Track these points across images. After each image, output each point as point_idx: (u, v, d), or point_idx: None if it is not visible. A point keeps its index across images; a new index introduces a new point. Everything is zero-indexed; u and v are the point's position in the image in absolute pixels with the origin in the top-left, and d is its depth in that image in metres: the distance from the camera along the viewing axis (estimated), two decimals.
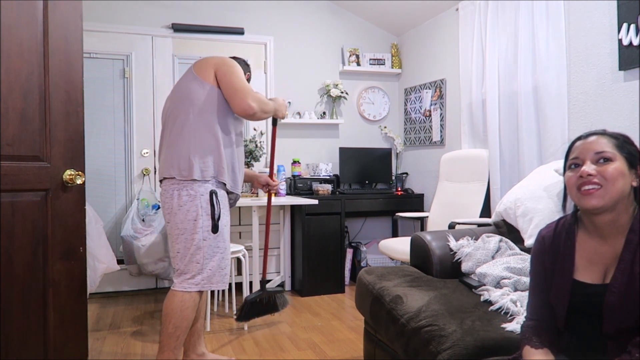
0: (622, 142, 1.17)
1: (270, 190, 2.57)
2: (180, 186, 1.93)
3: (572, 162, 1.21)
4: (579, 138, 1.23)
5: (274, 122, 2.42)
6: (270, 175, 2.54)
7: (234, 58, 2.28)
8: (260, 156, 3.77)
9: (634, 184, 1.15)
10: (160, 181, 2.04)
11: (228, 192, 2.09)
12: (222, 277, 1.97)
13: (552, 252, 1.26)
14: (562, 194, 1.29)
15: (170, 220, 1.96)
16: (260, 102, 1.97)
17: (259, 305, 2.59)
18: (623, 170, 1.14)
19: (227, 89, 1.96)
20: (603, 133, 1.20)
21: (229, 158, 2.02)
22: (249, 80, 2.27)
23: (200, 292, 1.97)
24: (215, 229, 1.93)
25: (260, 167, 3.77)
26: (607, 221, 1.16)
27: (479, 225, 2.55)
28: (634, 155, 1.16)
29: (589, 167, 1.15)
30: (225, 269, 1.99)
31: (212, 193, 1.94)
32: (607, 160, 1.14)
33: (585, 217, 1.21)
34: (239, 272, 3.60)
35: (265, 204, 3.48)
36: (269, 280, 2.88)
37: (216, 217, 1.93)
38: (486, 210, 3.07)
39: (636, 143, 1.20)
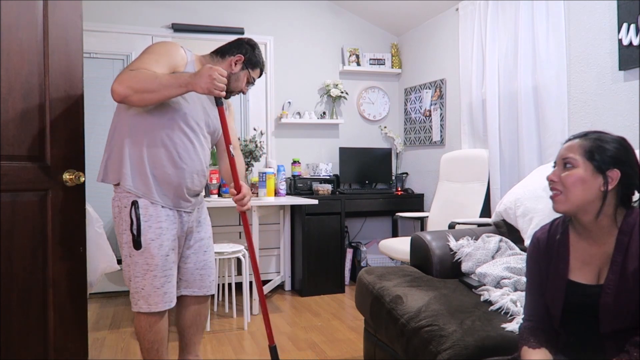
0: (597, 147, 1.17)
1: (238, 206, 1.88)
2: (113, 194, 1.73)
3: (553, 165, 1.25)
4: (566, 140, 1.26)
5: (217, 102, 1.71)
6: (236, 184, 1.84)
7: (241, 40, 1.91)
8: (260, 156, 3.77)
9: (602, 189, 1.15)
10: None
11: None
12: (162, 298, 1.70)
13: (547, 253, 1.27)
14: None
15: None
16: (129, 81, 1.54)
17: None
18: (583, 177, 1.15)
19: None
20: (583, 136, 1.21)
21: (139, 159, 1.67)
22: (246, 63, 1.84)
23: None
24: (136, 244, 1.67)
25: (260, 167, 3.76)
26: (586, 223, 1.18)
27: (479, 225, 2.55)
28: (604, 162, 1.15)
29: (553, 173, 1.21)
30: (161, 288, 1.70)
31: (133, 204, 1.67)
32: (571, 166, 1.18)
33: (573, 218, 1.22)
34: (239, 272, 3.60)
35: (267, 204, 3.51)
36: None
37: (134, 231, 1.66)
38: (486, 210, 3.07)
39: (635, 144, 1.20)
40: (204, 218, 1.96)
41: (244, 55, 1.86)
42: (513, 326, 1.50)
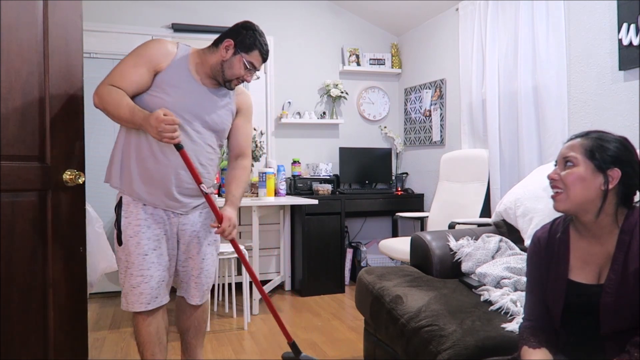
0: (597, 146, 1.17)
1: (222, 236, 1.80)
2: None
3: (554, 164, 1.25)
4: (568, 139, 1.26)
5: (176, 147, 1.62)
6: (216, 214, 1.75)
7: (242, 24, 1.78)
8: (260, 156, 3.76)
9: (603, 187, 1.15)
10: None
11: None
12: (137, 298, 1.67)
13: (548, 252, 1.27)
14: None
15: None
16: (104, 97, 1.61)
17: None
18: (583, 176, 1.15)
19: None
20: (584, 135, 1.21)
21: (126, 157, 1.70)
22: (238, 47, 1.70)
23: (145, 311, 1.70)
24: (118, 240, 1.71)
25: (260, 167, 3.76)
26: (587, 222, 1.18)
27: (479, 225, 2.55)
28: (605, 161, 1.15)
29: (554, 171, 1.21)
30: (137, 288, 1.66)
31: (119, 200, 1.74)
32: (572, 165, 1.18)
33: (574, 217, 1.22)
34: (239, 272, 3.60)
35: (267, 204, 3.51)
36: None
37: (117, 227, 1.71)
38: (486, 210, 3.07)
39: (635, 144, 1.20)
40: (207, 223, 1.83)
41: (234, 39, 1.71)
42: (513, 326, 1.50)
